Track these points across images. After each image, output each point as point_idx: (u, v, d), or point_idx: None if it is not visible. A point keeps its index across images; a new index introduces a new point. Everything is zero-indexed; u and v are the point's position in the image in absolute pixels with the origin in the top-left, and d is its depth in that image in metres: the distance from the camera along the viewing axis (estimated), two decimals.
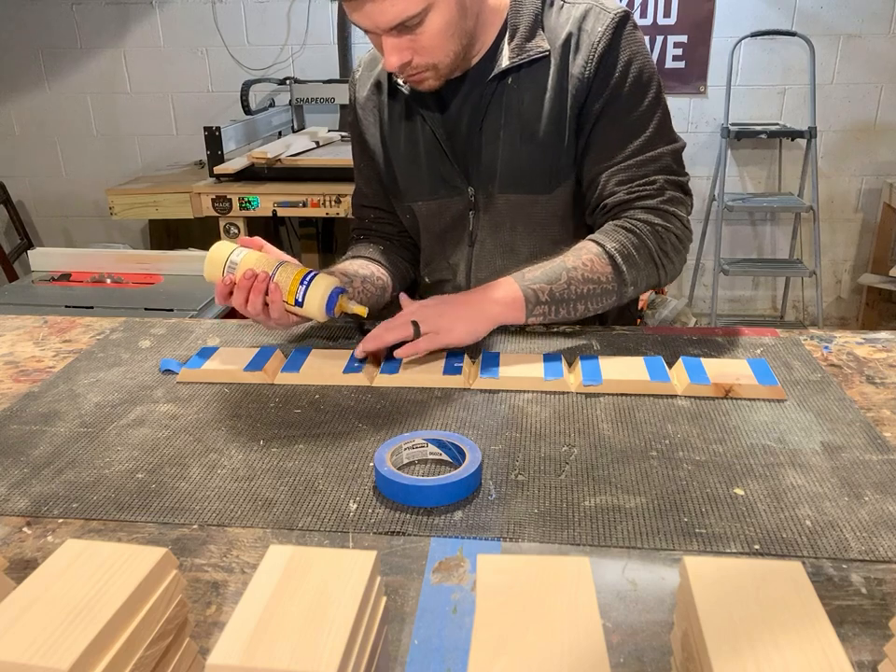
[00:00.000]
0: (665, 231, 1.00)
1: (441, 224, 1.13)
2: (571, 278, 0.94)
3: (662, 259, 1.00)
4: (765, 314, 3.34)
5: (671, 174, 1.02)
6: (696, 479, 0.70)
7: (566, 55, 1.01)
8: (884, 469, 0.71)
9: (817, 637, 0.37)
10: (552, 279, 0.94)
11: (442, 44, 0.94)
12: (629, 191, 1.01)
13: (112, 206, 2.68)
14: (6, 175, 3.36)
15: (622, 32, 1.00)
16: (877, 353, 0.96)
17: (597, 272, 0.96)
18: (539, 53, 1.01)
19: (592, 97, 1.00)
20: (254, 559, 0.61)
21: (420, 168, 1.11)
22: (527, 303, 0.93)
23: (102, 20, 3.15)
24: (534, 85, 1.02)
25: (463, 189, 1.09)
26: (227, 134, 2.59)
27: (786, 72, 2.97)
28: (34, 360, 1.01)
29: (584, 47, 1.00)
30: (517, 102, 1.03)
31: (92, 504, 0.69)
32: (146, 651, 0.41)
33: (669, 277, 1.04)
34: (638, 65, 1.00)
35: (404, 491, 0.67)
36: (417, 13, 0.88)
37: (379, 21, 0.89)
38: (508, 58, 1.01)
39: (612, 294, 0.97)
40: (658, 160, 1.02)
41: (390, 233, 1.23)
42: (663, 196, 1.00)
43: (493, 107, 1.04)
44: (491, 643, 0.38)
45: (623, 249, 0.97)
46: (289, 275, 0.92)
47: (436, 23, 0.91)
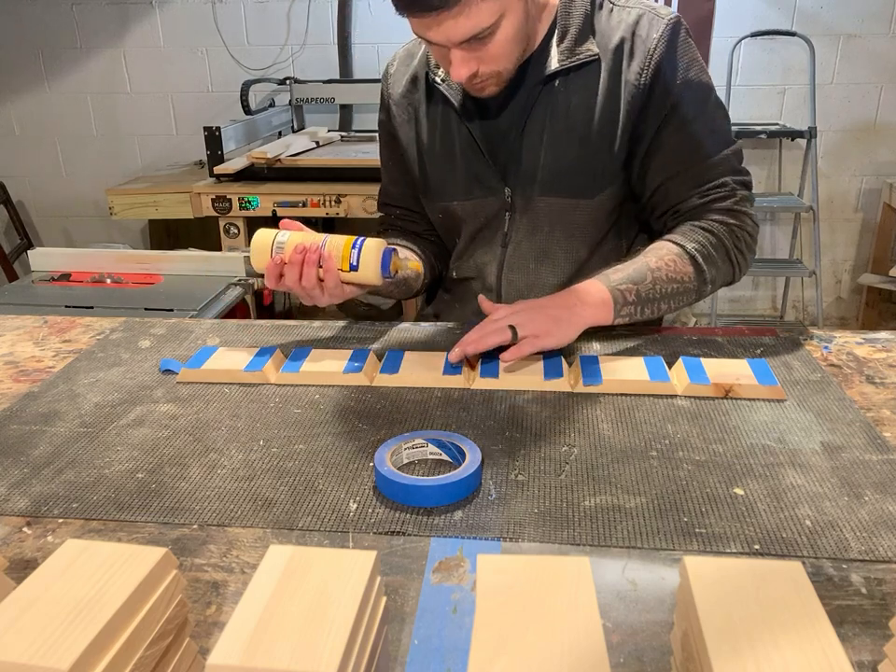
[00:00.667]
0: (740, 231, 1.02)
1: (475, 224, 1.13)
2: (656, 278, 0.96)
3: (737, 258, 1.03)
4: (765, 314, 3.34)
5: (737, 174, 1.04)
6: (696, 479, 0.70)
7: (618, 60, 1.00)
8: (884, 469, 0.71)
9: (817, 637, 0.37)
10: (637, 280, 0.95)
11: (510, 51, 0.94)
12: (702, 195, 1.02)
13: (112, 206, 2.68)
14: (6, 175, 3.36)
15: (677, 39, 1.00)
16: (877, 353, 0.96)
17: (680, 271, 0.97)
18: (590, 57, 1.00)
19: (652, 105, 1.00)
20: (254, 559, 0.61)
21: (455, 167, 1.10)
22: (615, 304, 0.94)
23: (102, 20, 3.15)
24: (584, 89, 1.01)
25: (499, 189, 1.08)
26: (227, 134, 2.59)
27: (786, 72, 2.97)
28: (34, 360, 1.01)
29: (639, 53, 0.99)
30: (564, 105, 1.02)
31: (92, 504, 0.69)
32: (146, 651, 0.41)
33: (743, 274, 1.06)
34: (696, 72, 1.01)
35: (404, 491, 0.67)
36: (491, 25, 0.88)
37: (452, 35, 0.87)
38: (557, 60, 1.01)
39: (693, 293, 1.00)
40: (725, 162, 1.03)
41: (416, 231, 1.22)
42: (735, 197, 1.03)
43: (538, 109, 1.03)
44: (491, 643, 0.38)
45: (702, 249, 0.99)
46: (339, 243, 0.93)
47: (506, 32, 0.90)
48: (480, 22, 0.87)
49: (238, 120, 2.80)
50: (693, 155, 1.02)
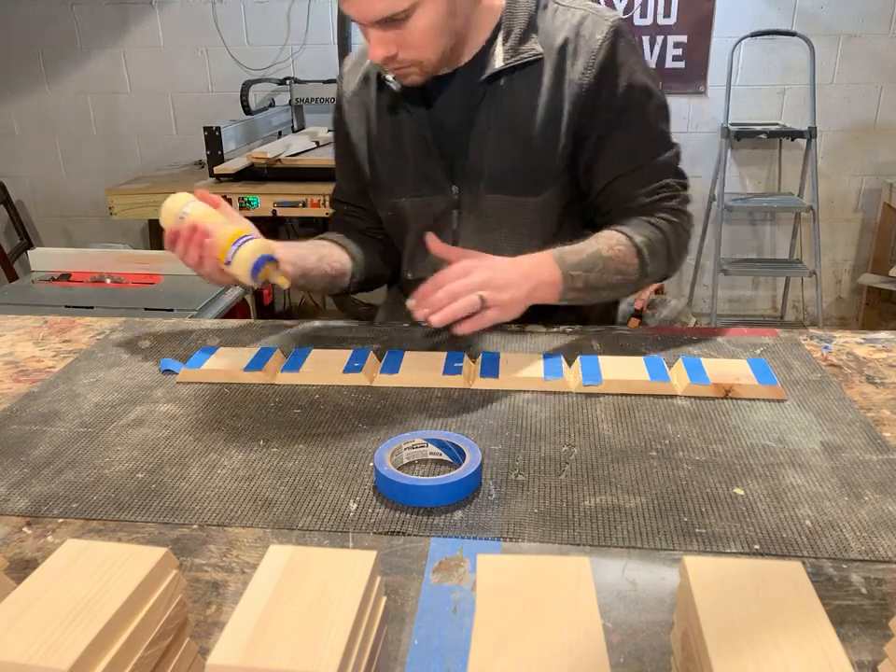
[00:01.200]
0: (682, 230, 1.06)
1: (424, 221, 1.13)
2: (605, 268, 0.97)
3: (675, 256, 1.05)
4: (765, 314, 3.34)
5: (679, 176, 1.07)
6: (696, 479, 0.70)
7: (562, 60, 1.01)
8: (884, 469, 0.71)
9: (817, 637, 0.37)
10: (589, 268, 0.96)
11: (429, 41, 0.94)
12: (649, 195, 1.04)
13: (112, 206, 2.68)
14: (6, 175, 3.36)
15: (620, 40, 1.01)
16: (877, 353, 0.96)
17: (627, 263, 0.99)
18: (534, 56, 1.01)
19: (599, 107, 1.01)
20: (254, 559, 0.61)
21: (405, 165, 1.11)
22: (564, 289, 0.95)
23: (102, 20, 3.15)
24: (528, 88, 1.02)
25: (447, 187, 1.09)
26: (227, 134, 2.59)
27: (786, 72, 2.97)
28: (34, 360, 1.01)
29: (583, 53, 1.01)
30: (509, 103, 1.03)
31: (92, 504, 0.69)
32: (146, 651, 0.41)
33: (673, 272, 1.08)
34: (640, 73, 1.03)
35: (404, 491, 0.67)
36: (405, 9, 0.89)
37: (367, 13, 0.90)
38: (502, 59, 1.02)
39: (633, 284, 1.02)
40: (668, 164, 1.06)
41: (362, 228, 1.23)
42: (679, 198, 1.06)
43: (483, 108, 1.04)
44: (491, 643, 0.38)
45: (649, 244, 1.01)
46: (227, 235, 0.95)
47: (423, 21, 0.92)
48: (392, 5, 0.89)
49: (238, 120, 2.80)
50: (638, 157, 1.04)
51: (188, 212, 0.96)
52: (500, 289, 0.88)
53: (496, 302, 0.87)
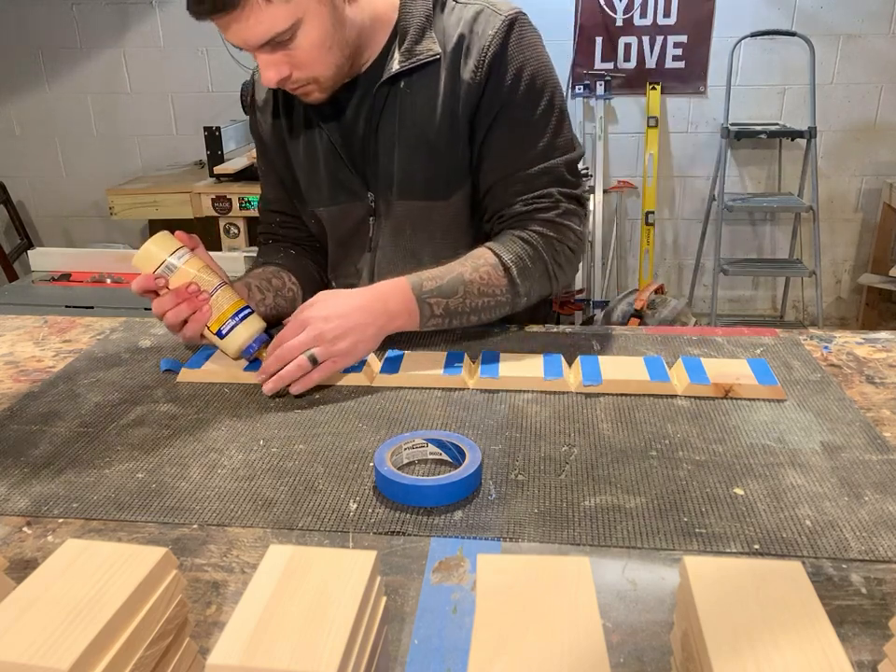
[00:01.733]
0: (560, 244, 0.99)
1: (342, 230, 1.12)
2: (468, 292, 0.93)
3: (555, 271, 1.00)
4: (765, 314, 3.34)
5: (565, 185, 1.01)
6: (696, 479, 0.70)
7: (457, 59, 0.98)
8: (884, 468, 0.71)
9: (817, 637, 0.37)
10: (448, 293, 0.92)
11: (319, 57, 0.92)
12: (525, 203, 1.00)
13: (112, 206, 2.68)
14: (6, 175, 3.36)
15: (511, 35, 0.97)
16: (877, 353, 0.96)
17: (493, 284, 0.95)
18: (430, 57, 0.98)
19: (484, 104, 0.98)
20: (254, 559, 0.61)
21: (319, 174, 1.09)
22: (422, 317, 0.92)
23: (102, 20, 3.15)
24: (426, 89, 0.99)
25: (363, 195, 1.08)
26: (227, 134, 2.59)
27: (786, 72, 2.97)
28: (34, 360, 1.01)
29: (475, 50, 0.97)
30: (410, 106, 1.00)
31: (92, 504, 0.69)
32: (146, 651, 0.41)
33: (561, 288, 1.04)
34: (531, 71, 0.98)
35: (404, 491, 0.67)
36: (286, 29, 0.87)
37: (248, 38, 0.87)
38: (398, 62, 0.99)
39: (506, 305, 0.97)
40: (552, 171, 1.00)
41: (297, 238, 1.20)
42: (558, 209, 1.00)
43: (387, 113, 1.01)
44: (491, 643, 0.38)
45: (518, 262, 0.96)
46: (224, 304, 0.90)
47: (309, 37, 0.89)
48: (273, 27, 0.86)
49: (238, 120, 2.80)
50: (519, 160, 0.99)
51: (179, 265, 0.89)
52: (335, 341, 0.86)
53: (330, 355, 0.86)
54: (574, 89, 3.05)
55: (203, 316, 0.89)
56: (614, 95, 3.05)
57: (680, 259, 3.30)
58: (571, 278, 1.05)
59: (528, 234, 0.98)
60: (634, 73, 3.02)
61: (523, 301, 0.99)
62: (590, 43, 3.00)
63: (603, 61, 3.03)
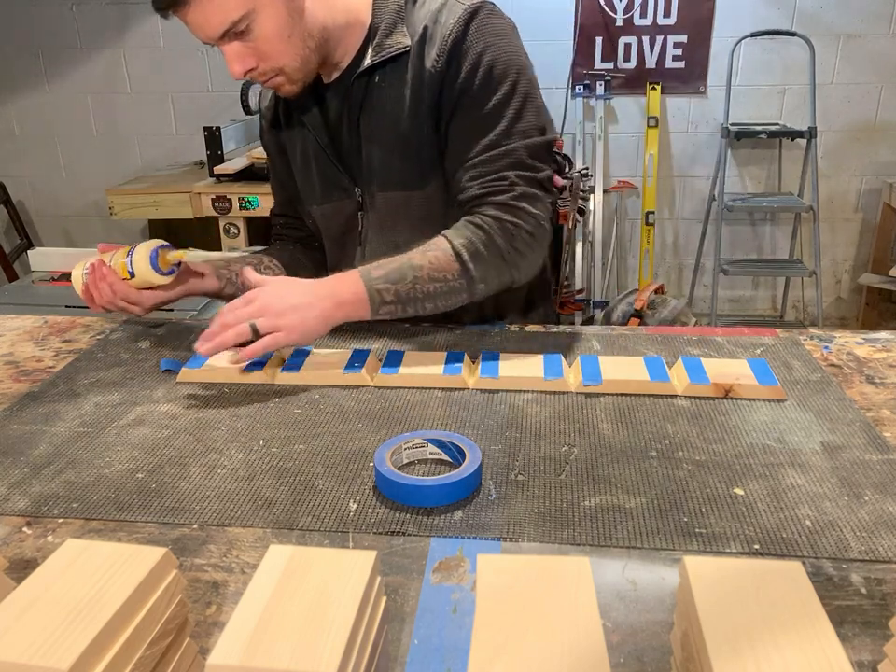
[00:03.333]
0: (515, 228, 0.97)
1: (336, 227, 1.15)
2: (417, 277, 0.93)
3: (513, 256, 0.98)
4: (765, 314, 3.34)
5: (524, 169, 0.99)
6: (696, 479, 0.70)
7: (422, 50, 1.00)
8: (884, 468, 0.71)
9: (817, 637, 0.37)
10: (397, 279, 0.93)
11: (281, 47, 0.94)
12: (480, 187, 0.99)
13: (112, 206, 2.68)
14: (6, 175, 3.36)
15: (473, 23, 0.98)
16: (877, 353, 0.96)
17: (443, 269, 0.94)
18: (400, 49, 1.00)
19: (445, 90, 0.99)
20: (254, 559, 0.61)
21: (312, 174, 1.13)
22: (372, 303, 0.92)
23: (102, 20, 3.15)
24: (398, 81, 1.01)
25: (351, 191, 1.10)
26: (227, 134, 2.59)
27: (786, 72, 2.97)
28: (34, 360, 1.01)
29: (437, 39, 0.98)
30: (385, 99, 1.03)
31: (92, 504, 0.69)
32: (146, 651, 0.41)
33: (523, 275, 1.01)
34: (491, 56, 0.98)
35: (404, 491, 0.67)
36: (239, 18, 0.89)
37: (206, 30, 0.91)
38: (370, 57, 1.01)
39: (461, 291, 0.96)
40: (510, 154, 0.99)
41: (298, 238, 1.25)
42: (513, 192, 0.98)
43: (366, 107, 1.04)
44: (491, 643, 0.38)
45: (470, 246, 0.95)
46: (120, 254, 1.00)
47: (267, 26, 0.92)
48: (227, 17, 0.89)
49: (238, 120, 2.80)
50: (476, 143, 0.99)
51: (87, 267, 1.02)
52: (279, 315, 0.88)
53: (272, 328, 0.87)
54: (574, 89, 3.05)
55: (112, 277, 0.99)
56: (614, 95, 3.05)
57: (680, 259, 3.30)
58: (535, 265, 1.02)
59: (481, 219, 0.97)
60: (634, 73, 3.02)
61: (480, 287, 0.97)
62: (590, 43, 3.00)
63: (603, 61, 3.03)
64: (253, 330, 0.87)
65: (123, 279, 1.00)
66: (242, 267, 1.05)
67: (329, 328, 0.92)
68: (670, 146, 3.10)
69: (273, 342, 0.87)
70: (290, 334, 0.88)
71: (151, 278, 0.99)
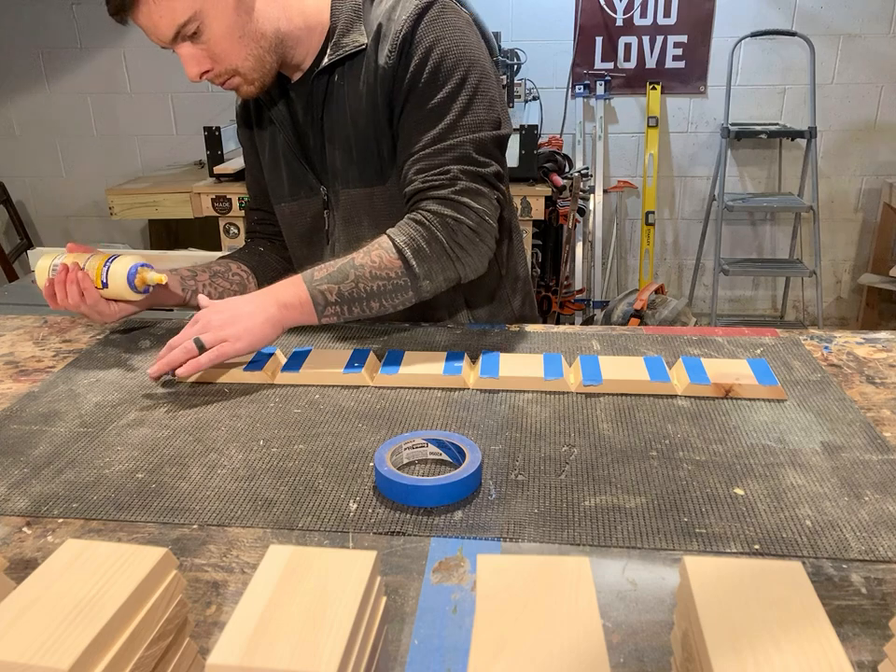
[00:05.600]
0: (457, 224, 0.96)
1: (302, 224, 1.16)
2: (359, 276, 0.93)
3: (456, 252, 0.97)
4: (765, 314, 3.34)
5: (469, 163, 0.98)
6: (696, 479, 0.70)
7: (375, 47, 1.01)
8: (884, 468, 0.71)
9: (817, 637, 0.37)
10: (339, 279, 0.93)
11: (233, 48, 0.95)
12: (423, 181, 0.99)
13: (112, 206, 2.68)
14: (6, 175, 3.36)
15: (424, 17, 0.98)
16: (877, 353, 0.96)
17: (386, 267, 0.94)
18: (356, 48, 1.01)
19: (396, 84, 1.00)
20: (254, 559, 0.61)
21: (281, 171, 1.14)
22: (316, 305, 0.93)
23: (102, 20, 3.13)
24: (355, 79, 1.03)
25: (317, 188, 1.12)
26: (227, 134, 2.59)
27: (786, 72, 2.97)
28: (34, 360, 1.01)
29: (390, 35, 0.99)
30: (344, 98, 1.04)
31: (92, 504, 0.69)
32: (146, 651, 0.41)
33: (470, 271, 1.00)
34: (441, 50, 0.97)
35: (404, 491, 0.67)
36: (186, 20, 0.91)
37: (158, 34, 0.93)
38: (328, 56, 1.02)
39: (406, 289, 0.96)
40: (455, 148, 0.98)
41: (272, 234, 1.26)
42: (454, 186, 0.97)
43: (327, 106, 1.05)
44: (491, 643, 0.38)
45: (412, 243, 0.95)
46: (96, 261, 0.99)
47: (216, 28, 0.93)
48: (174, 19, 0.91)
49: None
50: (422, 137, 0.99)
51: (58, 263, 1.00)
52: (221, 327, 0.89)
53: (217, 340, 0.89)
54: (574, 89, 3.05)
55: (86, 282, 0.98)
56: (614, 95, 3.05)
57: (680, 259, 3.30)
58: (480, 261, 1.01)
59: (422, 215, 0.97)
60: (634, 73, 3.02)
61: (425, 284, 0.96)
62: (590, 43, 3.00)
63: (603, 61, 3.03)
64: (198, 346, 0.88)
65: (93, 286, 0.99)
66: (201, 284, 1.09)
67: (278, 331, 0.92)
68: (670, 146, 3.10)
69: (217, 353, 0.88)
70: (236, 343, 0.89)
71: (124, 293, 0.99)
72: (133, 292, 0.99)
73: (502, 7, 2.89)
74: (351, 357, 0.94)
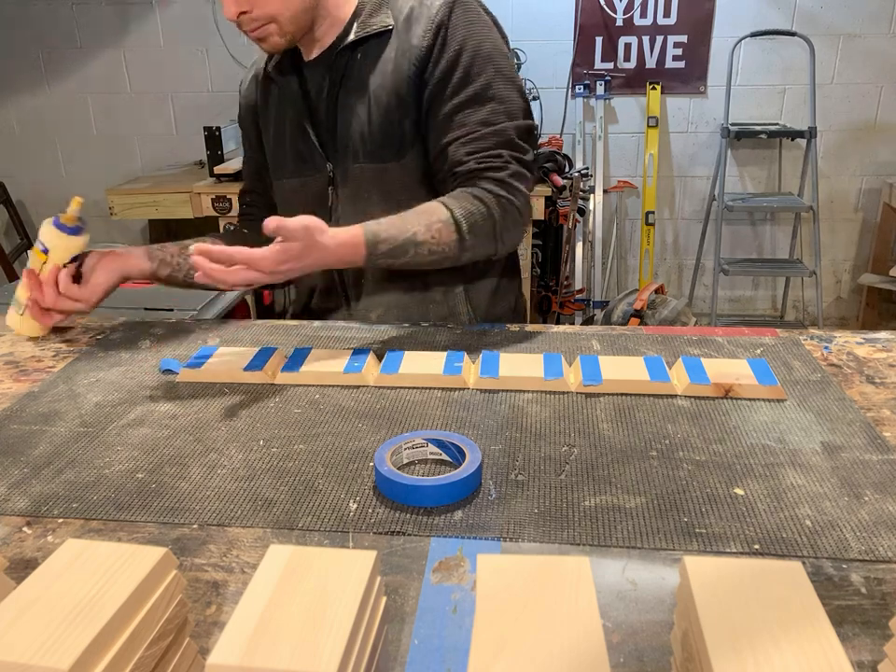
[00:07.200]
0: (510, 205, 1.02)
1: (303, 201, 1.17)
2: (417, 253, 0.97)
3: (502, 232, 1.03)
4: (765, 314, 3.34)
5: (515, 149, 1.04)
6: (696, 479, 0.70)
7: (407, 28, 1.05)
8: (884, 468, 0.71)
9: (817, 637, 0.37)
10: (399, 254, 0.96)
11: None
12: (478, 161, 1.03)
13: (112, 206, 2.68)
14: (6, 175, 3.36)
15: (457, 8, 1.03)
16: (877, 353, 0.96)
17: (442, 243, 0.98)
18: (383, 28, 1.06)
19: (432, 67, 1.04)
20: (254, 559, 0.61)
21: (284, 147, 1.17)
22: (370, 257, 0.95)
23: (102, 20, 3.15)
24: (378, 57, 1.07)
25: (322, 165, 1.14)
26: (227, 134, 2.59)
27: (786, 72, 2.97)
28: (34, 360, 1.01)
29: (424, 19, 1.04)
30: (366, 74, 1.07)
31: (92, 504, 0.69)
32: (146, 651, 0.41)
33: (504, 250, 1.06)
34: (477, 40, 1.03)
35: (404, 491, 0.67)
36: None
37: None
38: (354, 33, 1.06)
39: (449, 260, 1.01)
40: (502, 133, 1.03)
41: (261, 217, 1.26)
42: (508, 170, 1.03)
43: (345, 81, 1.08)
44: (491, 643, 0.38)
45: (469, 217, 0.99)
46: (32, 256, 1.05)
47: None
48: None
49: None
50: (468, 120, 1.03)
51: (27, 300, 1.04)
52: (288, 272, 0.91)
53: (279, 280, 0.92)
54: (574, 89, 3.05)
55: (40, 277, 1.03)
56: (614, 95, 3.05)
57: (680, 259, 3.30)
58: (516, 243, 1.08)
59: (480, 192, 1.01)
60: (634, 73, 3.02)
61: (466, 256, 1.02)
62: (590, 43, 3.00)
63: (603, 61, 3.03)
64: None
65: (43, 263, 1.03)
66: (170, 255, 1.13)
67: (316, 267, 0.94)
68: (670, 146, 3.10)
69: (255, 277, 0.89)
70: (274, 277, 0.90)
71: (64, 242, 1.02)
72: (69, 234, 1.02)
73: (502, 8, 2.88)
74: (351, 356, 0.94)
